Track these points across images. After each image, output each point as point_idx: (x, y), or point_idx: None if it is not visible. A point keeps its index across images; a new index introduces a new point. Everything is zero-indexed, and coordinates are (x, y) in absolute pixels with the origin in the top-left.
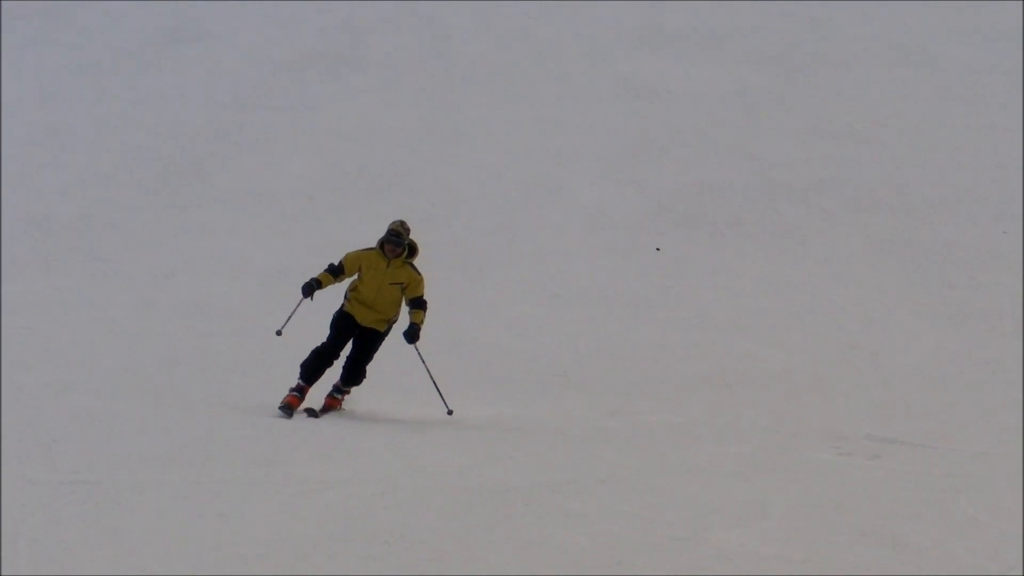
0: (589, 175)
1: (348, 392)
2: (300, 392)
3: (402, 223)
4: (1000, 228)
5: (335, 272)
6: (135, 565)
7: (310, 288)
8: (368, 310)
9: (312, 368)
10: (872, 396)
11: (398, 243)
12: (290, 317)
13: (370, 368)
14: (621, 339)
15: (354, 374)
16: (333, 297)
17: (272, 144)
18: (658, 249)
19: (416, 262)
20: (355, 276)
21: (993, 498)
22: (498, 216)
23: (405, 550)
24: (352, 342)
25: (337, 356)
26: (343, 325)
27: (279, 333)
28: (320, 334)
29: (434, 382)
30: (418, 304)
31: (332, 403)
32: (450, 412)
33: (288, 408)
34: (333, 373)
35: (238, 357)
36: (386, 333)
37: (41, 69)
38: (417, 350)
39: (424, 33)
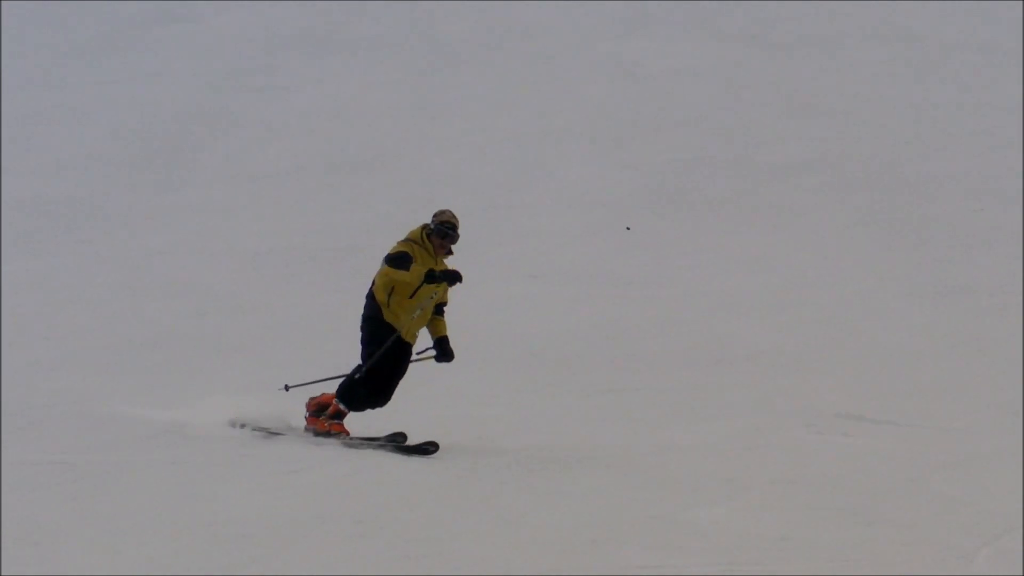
0: (574, 155)
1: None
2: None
3: (453, 213)
4: (983, 206)
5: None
6: (118, 544)
7: (455, 277)
8: (418, 321)
9: (364, 405)
10: (853, 374)
11: (454, 238)
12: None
13: None
14: (605, 317)
15: (384, 396)
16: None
17: (255, 125)
18: (628, 228)
19: None
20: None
21: (967, 475)
22: (483, 196)
23: (384, 529)
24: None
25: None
26: (401, 347)
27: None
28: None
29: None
30: (441, 311)
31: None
32: (287, 388)
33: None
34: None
35: (222, 337)
36: None
37: (23, 53)
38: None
39: (408, 13)
